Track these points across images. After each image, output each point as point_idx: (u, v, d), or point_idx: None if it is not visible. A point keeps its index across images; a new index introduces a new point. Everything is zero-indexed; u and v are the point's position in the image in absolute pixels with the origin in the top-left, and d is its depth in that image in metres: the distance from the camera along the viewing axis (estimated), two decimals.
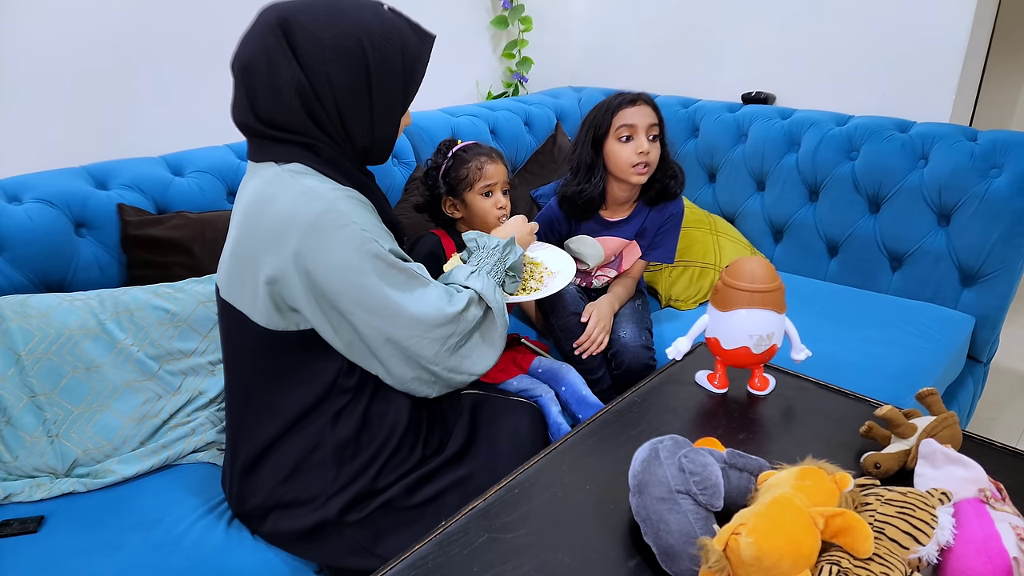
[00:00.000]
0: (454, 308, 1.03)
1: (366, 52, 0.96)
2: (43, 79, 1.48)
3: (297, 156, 0.99)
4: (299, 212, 0.94)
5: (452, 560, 0.80)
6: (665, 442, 0.82)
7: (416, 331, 1.01)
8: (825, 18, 2.07)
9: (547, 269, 1.36)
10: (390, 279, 0.99)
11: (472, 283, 1.09)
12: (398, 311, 0.99)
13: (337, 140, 1.01)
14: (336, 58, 0.95)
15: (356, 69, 0.97)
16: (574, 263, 1.38)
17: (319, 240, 0.94)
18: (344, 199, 0.97)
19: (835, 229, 1.95)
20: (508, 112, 2.16)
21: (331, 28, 0.95)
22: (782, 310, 1.07)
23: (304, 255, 0.94)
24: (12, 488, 1.15)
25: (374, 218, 1.02)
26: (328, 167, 1.00)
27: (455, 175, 1.46)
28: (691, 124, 2.23)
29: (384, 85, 0.99)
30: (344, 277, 0.96)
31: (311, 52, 0.95)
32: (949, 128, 1.80)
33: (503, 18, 2.37)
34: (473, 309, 1.07)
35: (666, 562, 0.75)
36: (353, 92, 0.98)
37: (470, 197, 1.46)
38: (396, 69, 1.00)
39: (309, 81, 0.95)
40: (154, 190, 1.47)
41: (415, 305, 1.00)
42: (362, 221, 0.97)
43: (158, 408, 1.26)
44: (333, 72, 0.96)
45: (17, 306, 1.20)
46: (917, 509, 0.71)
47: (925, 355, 1.58)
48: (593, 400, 1.45)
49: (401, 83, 1.02)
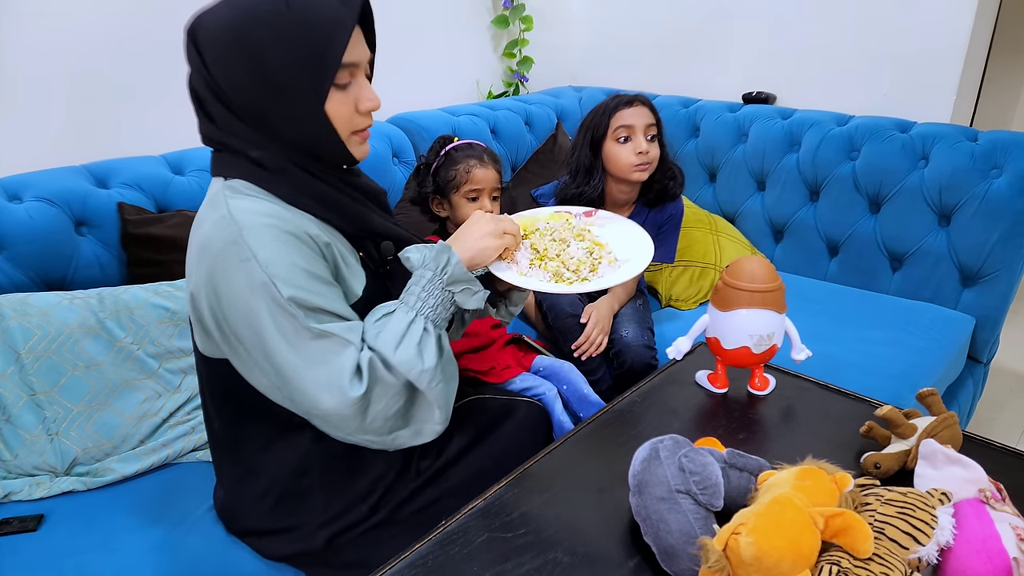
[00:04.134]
0: (355, 392, 0.85)
1: (256, 37, 0.83)
2: (44, 78, 1.48)
3: (240, 170, 0.90)
4: (212, 239, 0.86)
5: (452, 559, 0.80)
6: (665, 442, 0.82)
7: (315, 410, 0.87)
8: (826, 18, 2.07)
9: (611, 255, 1.03)
10: (285, 332, 0.85)
11: (378, 343, 0.87)
12: (292, 374, 0.86)
13: (274, 143, 0.90)
14: (231, 53, 0.85)
15: (251, 58, 0.84)
16: (651, 248, 1.04)
17: (224, 271, 0.85)
18: (262, 228, 0.85)
19: (835, 229, 1.95)
20: (509, 111, 2.16)
21: (224, 21, 0.85)
22: (782, 310, 1.07)
23: (212, 284, 0.87)
24: (12, 487, 1.15)
25: (296, 252, 0.86)
26: (275, 180, 0.90)
27: (444, 175, 1.44)
28: (692, 124, 2.23)
29: (286, 69, 0.84)
30: (240, 318, 0.86)
31: (213, 54, 0.86)
32: (950, 128, 1.80)
33: (504, 17, 2.37)
34: (387, 377, 0.87)
35: (666, 562, 0.75)
36: (257, 84, 0.85)
37: (456, 199, 1.44)
38: (295, 46, 0.84)
39: (220, 85, 0.87)
40: (154, 189, 1.47)
41: (308, 377, 0.85)
42: (269, 257, 0.84)
43: (158, 406, 1.26)
44: (231, 68, 0.85)
45: (17, 304, 1.20)
46: (917, 509, 0.71)
47: (925, 355, 1.58)
48: (594, 398, 1.45)
49: (307, 61, 0.85)
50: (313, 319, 0.85)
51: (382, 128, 1.89)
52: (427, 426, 0.92)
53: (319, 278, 0.88)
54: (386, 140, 1.86)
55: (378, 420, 0.88)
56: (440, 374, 0.90)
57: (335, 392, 0.85)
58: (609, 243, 1.05)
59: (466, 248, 0.95)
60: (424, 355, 0.88)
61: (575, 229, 1.05)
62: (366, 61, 0.92)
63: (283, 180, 0.90)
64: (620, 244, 1.05)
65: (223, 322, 0.88)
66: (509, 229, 0.98)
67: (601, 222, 1.10)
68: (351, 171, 1.00)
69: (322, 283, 0.88)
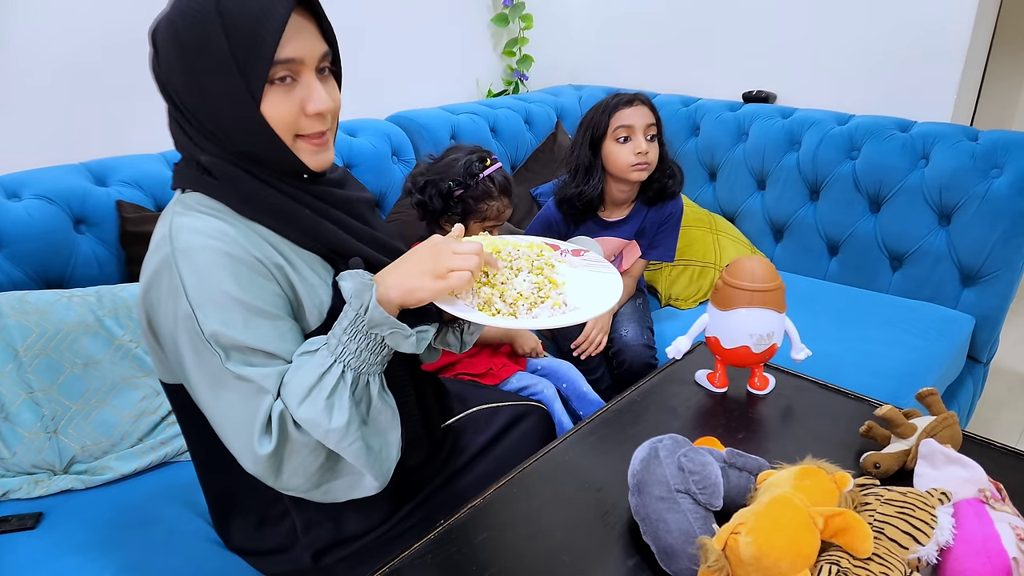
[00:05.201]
0: (263, 449, 0.77)
1: (184, 34, 0.77)
2: (43, 75, 1.47)
3: (193, 181, 0.84)
4: (149, 260, 0.82)
5: (451, 558, 0.80)
6: (665, 441, 0.82)
7: (236, 458, 0.81)
8: (826, 17, 2.06)
9: (561, 296, 0.89)
10: (205, 370, 0.79)
11: (285, 393, 0.78)
12: (211, 416, 0.81)
13: (220, 148, 0.82)
14: (169, 51, 0.79)
15: (183, 56, 0.78)
16: (615, 299, 0.90)
17: (157, 296, 0.81)
18: (198, 251, 0.77)
19: (835, 228, 1.95)
20: (508, 110, 2.15)
21: (165, 18, 0.80)
22: (782, 309, 1.07)
23: (147, 307, 0.83)
24: (10, 485, 1.15)
25: (231, 279, 0.78)
26: (225, 189, 0.82)
27: (472, 203, 1.36)
28: (692, 123, 2.23)
29: (216, 67, 0.77)
30: (169, 347, 0.82)
31: (159, 52, 0.81)
32: (950, 128, 1.80)
33: (504, 16, 2.36)
34: (296, 435, 0.78)
35: (665, 561, 0.75)
36: (191, 84, 0.79)
37: (473, 228, 1.38)
38: (223, 42, 0.76)
39: (167, 85, 0.81)
40: (153, 187, 1.46)
41: (224, 423, 0.80)
42: (197, 285, 0.77)
43: (156, 404, 1.26)
44: (171, 68, 0.80)
45: (16, 302, 1.20)
46: (917, 509, 0.71)
47: (925, 355, 1.58)
48: (594, 396, 1.45)
49: (230, 57, 0.76)
50: (236, 359, 0.77)
51: (381, 127, 1.89)
52: (365, 480, 0.83)
53: (254, 309, 0.78)
54: (385, 139, 1.85)
55: (297, 476, 0.80)
56: (354, 434, 0.78)
57: (245, 445, 0.78)
58: (567, 285, 0.91)
59: (397, 285, 0.80)
60: (333, 413, 0.77)
61: (536, 262, 0.93)
62: (315, 57, 0.81)
63: (233, 189, 0.82)
64: (579, 290, 0.90)
65: (158, 348, 0.86)
66: (460, 266, 0.80)
67: (580, 263, 0.97)
68: (321, 179, 0.89)
69: (257, 315, 0.78)
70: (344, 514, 0.96)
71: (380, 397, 0.82)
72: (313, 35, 0.81)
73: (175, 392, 0.90)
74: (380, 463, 0.82)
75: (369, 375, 0.81)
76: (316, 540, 0.97)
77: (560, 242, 1.02)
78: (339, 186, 0.93)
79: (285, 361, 0.80)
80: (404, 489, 1.00)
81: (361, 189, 0.99)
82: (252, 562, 1.03)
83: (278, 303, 0.82)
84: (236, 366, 0.77)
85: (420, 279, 0.80)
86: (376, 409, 0.82)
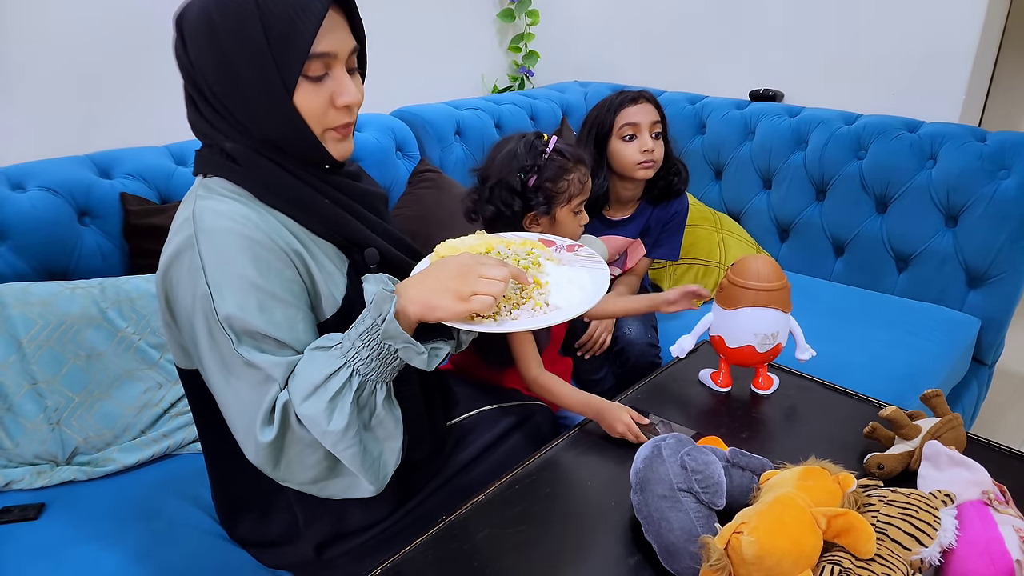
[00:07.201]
0: (264, 437, 0.77)
1: (221, 24, 0.79)
2: (48, 67, 1.48)
3: (216, 166, 0.85)
4: (171, 241, 0.83)
5: (452, 555, 0.80)
6: (668, 440, 0.82)
7: (239, 443, 0.82)
8: (834, 16, 2.05)
9: (543, 297, 0.87)
10: (217, 353, 0.80)
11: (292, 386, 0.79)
12: (221, 400, 0.82)
13: (245, 135, 0.84)
14: (202, 40, 0.81)
15: (218, 46, 0.80)
16: (598, 298, 0.87)
17: (177, 275, 0.82)
18: (220, 232, 0.79)
19: (841, 229, 1.94)
20: (513, 106, 2.15)
21: (198, 7, 0.81)
22: (787, 309, 1.07)
23: (165, 287, 0.84)
24: (13, 475, 1.15)
25: (250, 263, 0.79)
26: (247, 175, 0.84)
27: (552, 186, 1.16)
28: (698, 121, 2.22)
29: (251, 58, 0.79)
30: (186, 327, 0.84)
31: (189, 40, 0.82)
32: (958, 128, 1.79)
33: (510, 11, 2.36)
34: (297, 428, 0.78)
35: (667, 560, 0.75)
36: (224, 73, 0.81)
37: (562, 214, 1.18)
38: (260, 34, 0.78)
39: (195, 72, 0.83)
40: (157, 179, 1.46)
41: (231, 408, 0.81)
42: (216, 266, 0.78)
43: (159, 397, 1.26)
44: (202, 55, 0.81)
45: (19, 293, 1.20)
46: (920, 510, 0.71)
47: (930, 357, 1.57)
48: None
49: (273, 49, 0.79)
50: (247, 344, 0.78)
51: (385, 122, 1.88)
52: (362, 482, 0.82)
53: (270, 295, 0.79)
54: (389, 134, 1.85)
55: (294, 469, 0.80)
56: (352, 439, 0.77)
57: (248, 431, 0.79)
58: (550, 285, 0.89)
59: (418, 301, 0.80)
60: (334, 415, 0.76)
61: (523, 261, 0.92)
62: (347, 52, 0.84)
63: (255, 175, 0.84)
64: (564, 289, 0.88)
65: (175, 330, 0.86)
66: (486, 291, 0.78)
67: (573, 260, 0.95)
68: (340, 171, 0.93)
69: (272, 300, 0.79)
70: (347, 509, 0.96)
71: (384, 405, 0.82)
72: (345, 31, 0.84)
73: (190, 378, 0.91)
74: (376, 470, 0.82)
75: (377, 383, 0.80)
76: (318, 533, 0.97)
77: (556, 237, 1.02)
78: (355, 179, 0.96)
79: (295, 351, 0.81)
80: (407, 485, 1.00)
81: (374, 184, 1.01)
82: (255, 553, 1.03)
83: (295, 290, 0.83)
84: (247, 351, 0.78)
85: (442, 298, 0.79)
86: (379, 417, 0.81)
